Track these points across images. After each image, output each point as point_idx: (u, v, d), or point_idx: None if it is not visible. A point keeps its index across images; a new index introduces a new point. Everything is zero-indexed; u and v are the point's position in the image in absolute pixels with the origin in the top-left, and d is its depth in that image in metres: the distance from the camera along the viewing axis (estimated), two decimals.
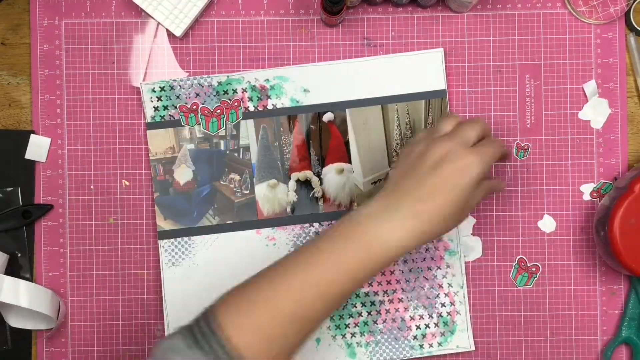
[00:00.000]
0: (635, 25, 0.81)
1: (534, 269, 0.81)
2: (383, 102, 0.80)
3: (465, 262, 0.81)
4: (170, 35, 0.82)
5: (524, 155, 0.81)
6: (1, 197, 0.81)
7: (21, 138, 0.81)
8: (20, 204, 0.81)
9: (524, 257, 0.81)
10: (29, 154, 0.81)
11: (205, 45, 0.81)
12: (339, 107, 0.80)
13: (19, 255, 0.81)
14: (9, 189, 0.81)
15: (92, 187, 0.81)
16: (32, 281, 0.81)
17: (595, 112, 0.81)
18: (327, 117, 0.81)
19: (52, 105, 0.81)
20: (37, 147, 0.81)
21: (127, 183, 0.81)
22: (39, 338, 0.81)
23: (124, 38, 0.82)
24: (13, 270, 0.80)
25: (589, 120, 0.81)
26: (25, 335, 0.81)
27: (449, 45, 0.81)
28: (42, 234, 0.81)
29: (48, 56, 0.81)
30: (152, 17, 0.81)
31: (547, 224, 0.81)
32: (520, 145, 0.81)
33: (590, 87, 0.81)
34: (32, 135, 0.81)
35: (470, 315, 0.80)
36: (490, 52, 0.81)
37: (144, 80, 0.81)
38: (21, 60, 0.82)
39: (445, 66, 0.81)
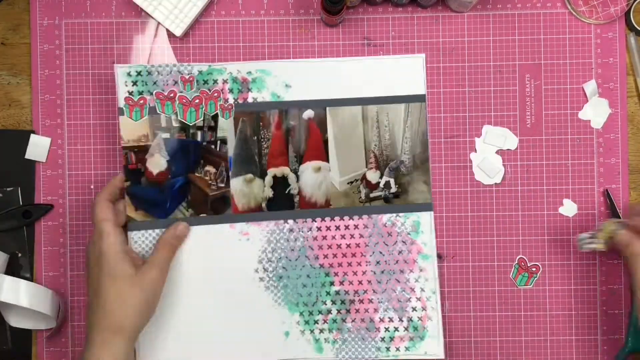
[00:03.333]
0: (635, 25, 0.81)
1: (534, 269, 0.81)
2: (363, 103, 0.80)
3: (466, 263, 0.81)
4: (170, 35, 0.82)
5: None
6: (1, 197, 0.81)
7: (21, 138, 0.81)
8: (20, 204, 0.81)
9: (524, 257, 0.81)
10: (29, 154, 0.81)
11: (206, 45, 0.81)
12: (319, 105, 0.80)
13: (19, 255, 0.81)
14: (9, 189, 0.81)
15: (92, 187, 0.81)
16: (32, 281, 0.81)
17: (595, 112, 0.81)
18: (307, 114, 0.80)
19: (52, 105, 0.81)
20: (37, 147, 0.81)
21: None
22: (39, 338, 0.81)
23: (124, 38, 0.82)
24: (13, 270, 0.80)
25: (589, 120, 0.81)
26: (25, 335, 0.81)
27: (449, 45, 0.81)
28: (42, 234, 0.81)
29: (48, 56, 0.81)
30: (152, 17, 0.81)
31: (568, 208, 0.81)
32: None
33: (590, 87, 0.81)
34: (32, 135, 0.81)
35: (445, 322, 0.80)
36: (490, 52, 0.81)
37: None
38: (21, 60, 0.82)
39: (441, 67, 0.81)
